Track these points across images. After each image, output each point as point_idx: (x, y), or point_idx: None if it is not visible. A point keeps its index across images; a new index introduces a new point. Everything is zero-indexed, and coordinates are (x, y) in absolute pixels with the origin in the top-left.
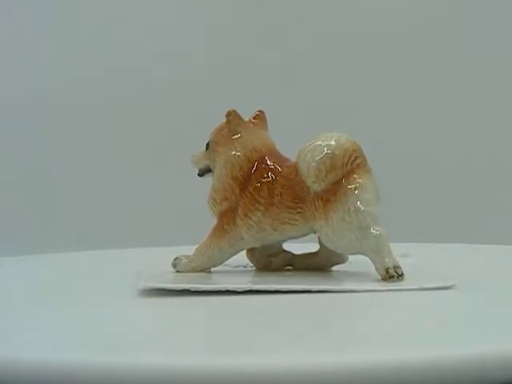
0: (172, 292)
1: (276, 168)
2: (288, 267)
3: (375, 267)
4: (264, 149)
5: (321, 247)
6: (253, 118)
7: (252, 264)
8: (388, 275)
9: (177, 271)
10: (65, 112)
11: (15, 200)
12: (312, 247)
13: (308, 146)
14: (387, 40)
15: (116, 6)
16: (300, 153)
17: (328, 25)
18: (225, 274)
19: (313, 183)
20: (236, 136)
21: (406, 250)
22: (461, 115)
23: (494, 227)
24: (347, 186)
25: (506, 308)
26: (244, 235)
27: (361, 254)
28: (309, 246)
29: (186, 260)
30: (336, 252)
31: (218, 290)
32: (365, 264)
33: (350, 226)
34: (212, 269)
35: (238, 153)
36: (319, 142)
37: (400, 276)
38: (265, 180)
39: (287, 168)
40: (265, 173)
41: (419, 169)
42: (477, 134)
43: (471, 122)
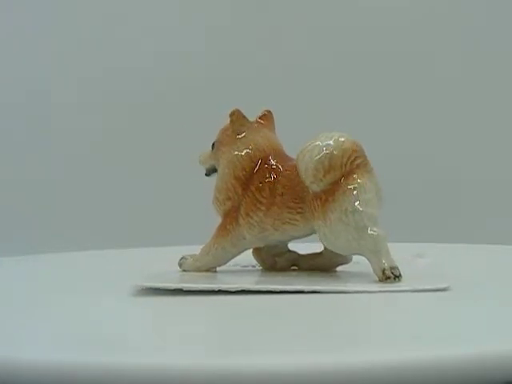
0: (172, 292)
1: (278, 168)
2: (293, 267)
3: (372, 268)
4: (268, 149)
5: (325, 248)
6: (259, 118)
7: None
8: (384, 276)
9: (183, 270)
10: (65, 112)
11: (15, 200)
12: (317, 247)
13: (307, 146)
14: (388, 40)
15: (116, 6)
16: (299, 153)
17: (328, 25)
18: (229, 274)
19: (311, 183)
20: (240, 136)
21: (422, 250)
22: (461, 115)
23: (495, 227)
24: (346, 187)
25: (506, 308)
26: (246, 235)
27: (359, 255)
28: (314, 246)
29: (192, 259)
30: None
31: (211, 290)
32: (369, 265)
33: (348, 227)
34: (220, 268)
35: (241, 153)
36: (318, 142)
37: (397, 277)
38: (266, 180)
39: (289, 168)
40: (267, 173)
41: (419, 169)
42: (478, 134)
43: (472, 122)
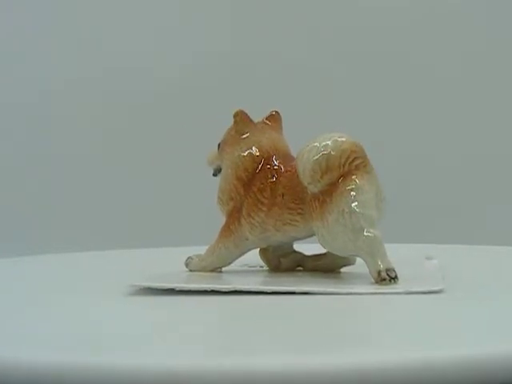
0: (172, 292)
1: (280, 168)
2: (299, 268)
3: (368, 270)
4: (271, 149)
5: None
6: (266, 119)
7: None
8: (380, 278)
9: (190, 270)
10: (65, 112)
11: (15, 200)
12: (323, 248)
13: (306, 147)
14: (388, 40)
15: (116, 6)
16: (298, 153)
17: (328, 25)
18: (233, 274)
19: (309, 184)
20: (243, 136)
21: (431, 253)
22: (462, 115)
23: (495, 227)
24: (343, 188)
25: (507, 309)
26: (248, 235)
27: (356, 256)
28: (320, 247)
29: (198, 259)
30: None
31: (204, 290)
32: None
33: (345, 228)
34: (226, 268)
35: (243, 153)
36: (316, 143)
37: (393, 279)
38: (268, 180)
39: (290, 168)
40: (269, 173)
41: (420, 169)
42: (479, 134)
43: (472, 122)
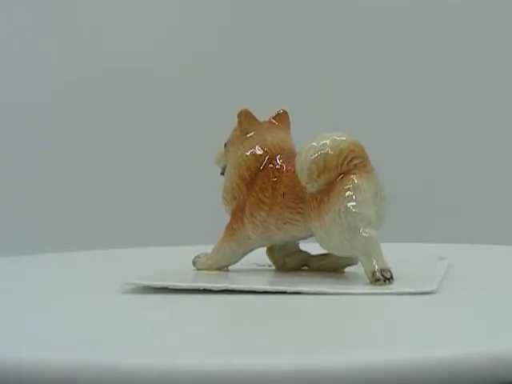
0: (172, 291)
1: (282, 168)
2: (304, 267)
3: (364, 270)
4: (276, 148)
5: None
6: (273, 118)
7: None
8: (374, 278)
9: (197, 269)
10: (65, 112)
11: (15, 199)
12: None
13: (305, 146)
14: (389, 40)
15: (116, 6)
16: (297, 153)
17: (329, 25)
18: (237, 273)
19: (306, 184)
20: (247, 136)
21: (443, 253)
22: (462, 115)
23: (498, 226)
24: (340, 187)
25: (507, 308)
26: (251, 235)
27: (353, 256)
28: None
29: (205, 258)
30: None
31: (196, 289)
32: None
33: (341, 228)
34: (233, 267)
35: (246, 152)
36: (314, 143)
37: (388, 280)
38: (270, 180)
39: (291, 168)
40: (271, 172)
41: (420, 169)
42: (480, 134)
43: (473, 122)
